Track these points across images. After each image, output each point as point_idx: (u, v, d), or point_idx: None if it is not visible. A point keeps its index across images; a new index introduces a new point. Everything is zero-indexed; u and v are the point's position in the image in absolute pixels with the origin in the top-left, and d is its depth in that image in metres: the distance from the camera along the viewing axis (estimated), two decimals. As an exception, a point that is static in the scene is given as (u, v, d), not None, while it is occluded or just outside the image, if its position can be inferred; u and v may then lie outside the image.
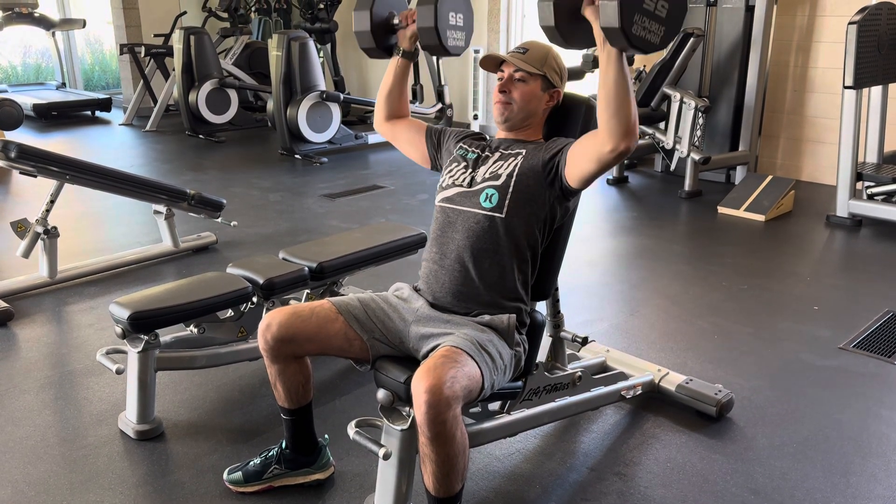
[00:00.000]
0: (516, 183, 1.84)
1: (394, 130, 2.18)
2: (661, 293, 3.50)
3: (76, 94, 9.02)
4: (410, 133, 2.15)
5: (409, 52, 2.10)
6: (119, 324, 2.22)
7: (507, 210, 1.83)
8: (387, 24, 2.08)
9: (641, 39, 1.55)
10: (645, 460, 2.19)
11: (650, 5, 1.54)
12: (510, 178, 1.85)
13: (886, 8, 4.32)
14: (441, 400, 1.53)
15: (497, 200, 1.84)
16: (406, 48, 2.09)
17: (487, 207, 1.85)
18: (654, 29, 1.56)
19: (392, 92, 2.15)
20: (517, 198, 1.84)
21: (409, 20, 2.06)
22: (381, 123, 2.21)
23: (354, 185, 5.43)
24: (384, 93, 2.16)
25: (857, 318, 3.17)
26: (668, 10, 1.56)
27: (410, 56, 2.11)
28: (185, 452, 2.22)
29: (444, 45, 2.01)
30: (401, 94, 2.16)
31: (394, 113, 2.17)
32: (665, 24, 1.57)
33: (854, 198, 4.45)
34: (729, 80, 5.41)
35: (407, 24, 2.07)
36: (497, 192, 1.84)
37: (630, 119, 1.63)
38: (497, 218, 1.84)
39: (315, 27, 7.58)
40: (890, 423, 2.38)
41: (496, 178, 1.86)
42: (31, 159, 3.27)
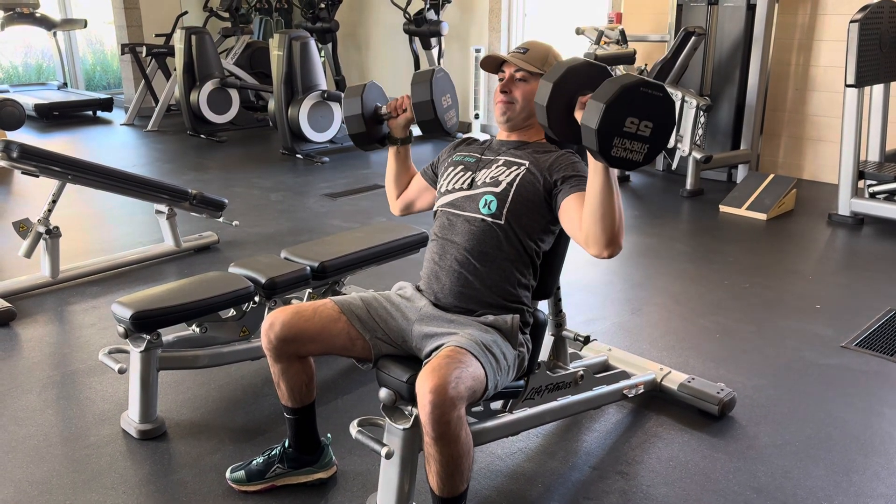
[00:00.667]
0: (515, 193, 1.84)
1: (406, 201, 2.22)
2: (663, 292, 3.50)
3: (77, 94, 9.03)
4: (416, 189, 2.18)
5: (405, 139, 2.13)
6: (121, 323, 2.22)
7: (506, 218, 1.84)
8: (375, 117, 2.10)
9: (622, 160, 1.53)
10: (647, 459, 2.19)
11: (631, 128, 1.51)
12: (510, 188, 1.85)
13: (888, 6, 4.31)
14: (446, 400, 1.53)
15: (496, 208, 1.84)
16: (401, 136, 2.12)
17: (486, 213, 1.85)
18: (636, 149, 1.53)
19: (398, 177, 2.19)
20: (515, 207, 1.84)
21: (398, 110, 2.07)
22: (394, 205, 2.25)
23: (356, 184, 5.43)
24: (392, 180, 2.21)
25: (859, 316, 3.16)
26: (652, 129, 1.53)
27: (407, 142, 2.15)
28: (188, 452, 2.22)
29: (445, 130, 2.05)
30: (407, 172, 2.20)
31: (403, 189, 2.21)
32: (649, 142, 1.53)
33: (856, 196, 4.44)
34: (730, 79, 5.41)
35: (398, 113, 2.07)
36: (496, 200, 1.85)
37: (612, 229, 1.62)
38: (496, 224, 1.84)
39: (316, 27, 7.58)
40: (892, 422, 2.38)
41: (496, 185, 1.86)
42: (34, 159, 3.27)
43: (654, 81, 1.53)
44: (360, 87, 2.09)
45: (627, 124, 1.50)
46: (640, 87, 1.50)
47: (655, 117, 1.52)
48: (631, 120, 1.50)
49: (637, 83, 1.51)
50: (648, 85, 1.51)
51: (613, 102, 1.49)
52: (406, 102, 2.05)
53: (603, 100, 1.49)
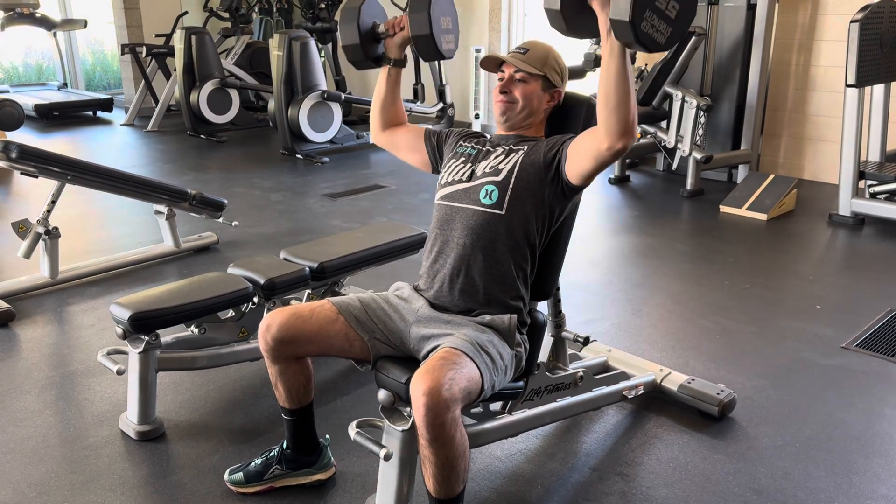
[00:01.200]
0: (517, 179, 1.83)
1: (393, 139, 2.16)
2: (663, 292, 3.50)
3: (77, 94, 9.03)
4: (410, 139, 2.13)
5: (399, 61, 2.09)
6: (120, 324, 2.22)
7: (507, 207, 1.83)
8: (372, 35, 2.07)
9: (648, 37, 1.53)
10: (647, 460, 2.18)
11: (662, 4, 1.52)
12: (510, 175, 1.84)
13: (889, 6, 4.31)
14: (440, 402, 1.53)
15: (497, 197, 1.83)
16: (396, 57, 2.08)
17: (487, 204, 1.84)
18: (661, 28, 1.54)
19: (385, 101, 2.13)
20: (517, 194, 1.83)
21: (395, 28, 2.04)
22: (378, 134, 2.19)
23: (356, 184, 5.42)
24: (378, 104, 2.15)
25: (859, 317, 3.16)
26: (677, 12, 1.55)
27: (401, 64, 2.10)
28: (187, 453, 2.22)
29: (440, 50, 2.01)
30: (395, 103, 2.14)
31: (390, 122, 2.16)
32: (673, 25, 1.55)
33: (856, 196, 4.43)
34: (731, 79, 5.40)
35: (394, 32, 2.04)
36: (497, 189, 1.84)
37: (629, 117, 1.62)
38: (497, 215, 1.83)
39: (316, 27, 7.57)
40: (893, 422, 2.37)
41: (496, 174, 1.86)
42: (33, 160, 3.27)
43: None
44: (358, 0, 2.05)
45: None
46: None
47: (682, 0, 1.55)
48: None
49: None
50: None
51: None
52: (405, 20, 2.02)
53: None
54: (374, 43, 2.08)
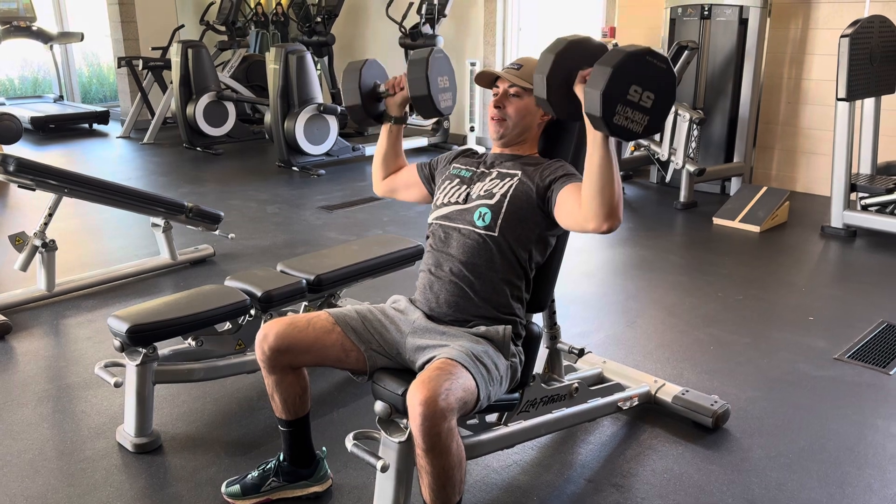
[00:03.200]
0: (509, 204, 1.86)
1: (392, 185, 2.23)
2: (657, 304, 3.52)
3: (74, 107, 9.04)
4: (406, 178, 2.19)
5: (400, 118, 2.15)
6: (117, 337, 2.23)
7: (500, 229, 1.85)
8: (373, 94, 2.12)
9: (623, 128, 1.55)
10: (642, 471, 2.20)
11: (634, 96, 1.53)
12: (503, 199, 1.87)
13: (878, 21, 4.36)
14: (436, 412, 1.54)
15: (490, 219, 1.86)
16: (396, 115, 2.14)
17: (480, 226, 1.87)
18: (637, 119, 1.55)
19: (388, 156, 2.20)
20: (510, 218, 1.86)
21: (396, 88, 2.10)
22: (378, 185, 2.26)
23: (352, 196, 5.44)
24: (380, 159, 2.21)
25: (852, 328, 3.18)
26: (653, 101, 1.55)
27: (402, 121, 2.16)
28: (183, 465, 2.22)
29: (439, 109, 2.07)
30: (396, 158, 2.21)
31: (390, 172, 2.22)
32: (649, 113, 1.55)
33: (848, 209, 4.47)
34: (723, 92, 5.45)
35: (395, 92, 2.10)
36: (490, 212, 1.86)
37: (612, 201, 1.63)
38: (490, 236, 1.86)
39: (312, 40, 7.62)
40: (886, 434, 2.39)
41: (490, 197, 1.88)
42: (30, 173, 3.28)
43: (660, 52, 1.56)
44: (360, 62, 2.11)
45: (631, 92, 1.52)
46: (645, 56, 1.53)
47: (658, 89, 1.55)
48: (635, 88, 1.53)
49: (644, 51, 1.53)
50: (654, 55, 1.54)
51: (620, 67, 1.51)
52: (404, 80, 2.08)
53: (610, 64, 1.51)
54: (376, 101, 2.14)
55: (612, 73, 1.50)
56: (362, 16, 8.24)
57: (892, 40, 4.43)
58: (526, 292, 1.93)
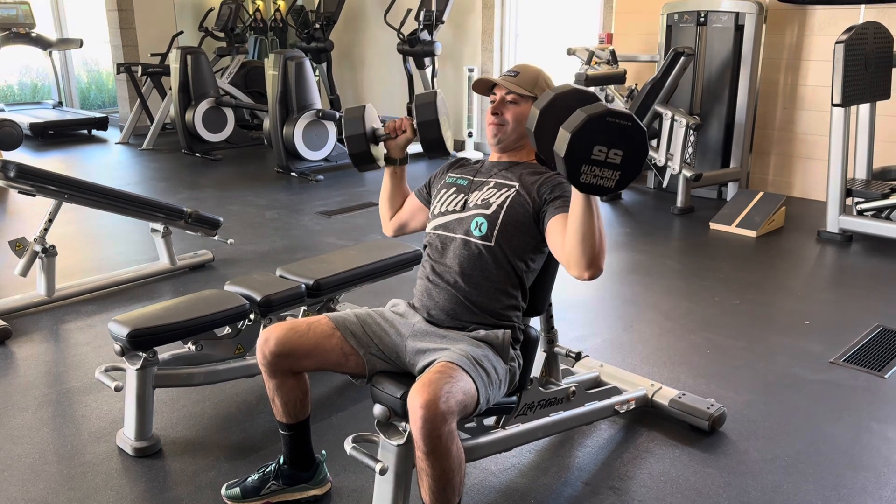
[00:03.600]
0: (505, 215, 1.88)
1: (399, 222, 2.23)
2: (654, 308, 3.54)
3: (73, 112, 9.06)
4: (410, 208, 2.20)
5: (403, 160, 2.17)
6: (118, 341, 2.24)
7: (496, 240, 1.88)
8: (373, 138, 2.13)
9: (593, 186, 1.55)
10: (639, 474, 2.21)
11: (600, 156, 1.52)
12: (500, 210, 1.89)
13: (872, 27, 4.40)
14: (437, 415, 1.56)
15: (486, 230, 1.88)
16: (399, 157, 2.15)
17: (477, 236, 1.89)
18: (607, 175, 1.54)
19: (393, 197, 2.22)
20: (505, 229, 1.88)
21: (398, 131, 2.10)
22: (387, 225, 2.27)
23: (350, 202, 5.47)
24: (387, 201, 2.23)
25: (847, 332, 3.20)
26: (622, 157, 1.54)
27: (405, 162, 2.18)
28: (183, 469, 2.24)
29: (446, 148, 2.10)
30: (403, 197, 2.22)
31: (396, 210, 2.23)
32: (620, 168, 1.54)
33: (844, 213, 4.50)
34: (720, 98, 5.49)
35: (396, 134, 2.11)
36: (486, 222, 1.88)
37: (592, 252, 1.64)
38: (486, 246, 1.88)
39: (311, 46, 7.66)
40: (881, 437, 2.41)
41: (487, 207, 1.90)
42: (30, 179, 3.30)
43: (624, 111, 1.55)
44: (360, 108, 2.12)
45: (595, 152, 1.52)
46: (605, 117, 1.52)
47: (625, 146, 1.53)
48: (599, 148, 1.52)
49: (603, 113, 1.52)
50: (615, 115, 1.53)
51: (578, 132, 1.51)
52: (405, 124, 2.09)
53: (569, 129, 1.52)
54: (374, 145, 2.15)
55: (571, 138, 1.51)
56: (361, 22, 8.28)
57: (886, 46, 4.47)
58: (522, 301, 1.95)
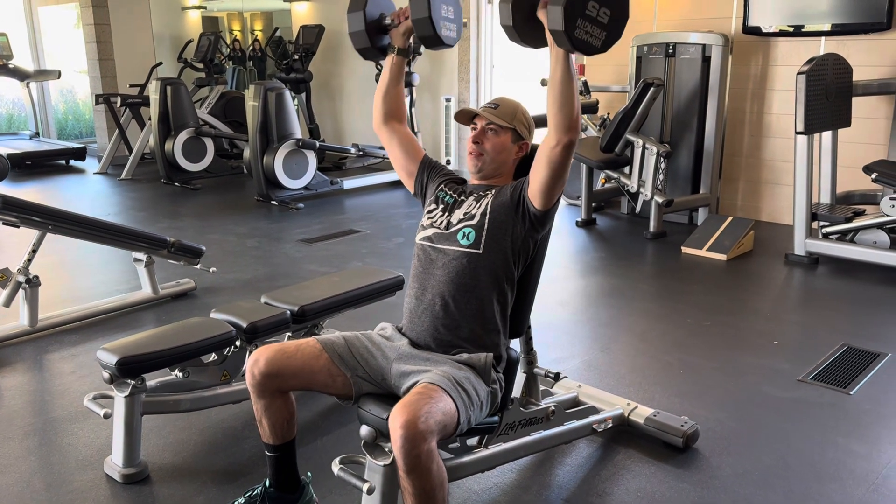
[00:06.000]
0: (490, 220, 1.98)
1: (392, 134, 2.23)
2: (628, 330, 3.64)
3: (50, 143, 9.07)
4: (407, 145, 2.23)
5: (403, 50, 2.19)
6: (107, 369, 2.28)
7: (484, 245, 1.96)
8: (379, 25, 2.17)
9: (583, 42, 1.74)
10: (616, 490, 2.29)
11: (592, 11, 1.72)
12: (484, 216, 1.98)
13: (832, 59, 4.60)
14: (416, 434, 1.62)
15: (474, 238, 1.97)
16: (400, 45, 2.18)
17: (465, 245, 1.98)
18: (595, 33, 1.74)
19: (389, 91, 2.22)
20: (492, 233, 1.97)
21: (401, 18, 2.15)
22: (379, 124, 2.26)
23: (331, 229, 5.53)
24: (381, 92, 2.23)
25: (814, 351, 3.32)
26: (609, 17, 1.74)
27: (405, 53, 2.19)
28: (172, 494, 2.27)
29: (439, 35, 2.08)
30: (398, 94, 2.23)
31: (391, 112, 2.23)
32: (607, 29, 1.75)
33: (810, 237, 4.65)
34: (689, 127, 5.66)
35: (399, 21, 2.15)
36: (473, 230, 1.98)
37: (573, 113, 1.82)
38: (474, 254, 1.96)
39: (290, 77, 7.77)
40: (846, 451, 2.51)
41: (471, 219, 2.00)
42: (14, 210, 3.34)
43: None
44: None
45: (589, 7, 1.71)
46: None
47: (613, 5, 1.73)
48: (592, 4, 1.71)
49: None
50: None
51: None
52: (408, 11, 2.13)
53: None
54: (381, 34, 2.18)
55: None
56: (339, 53, 8.41)
57: (845, 77, 4.67)
58: (509, 307, 2.03)
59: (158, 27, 9.09)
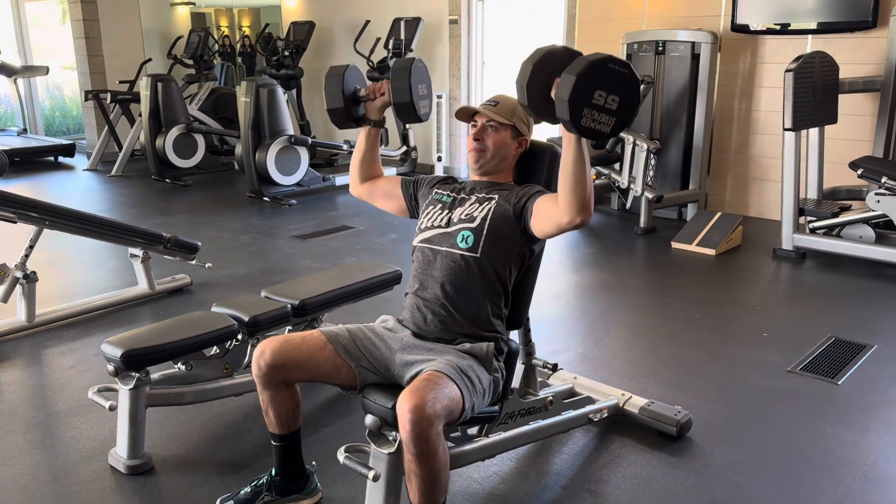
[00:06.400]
0: (490, 226, 2.02)
1: (370, 189, 2.34)
2: (621, 324, 3.70)
3: (38, 140, 9.02)
4: (386, 187, 2.32)
5: (378, 122, 2.29)
6: (111, 362, 2.31)
7: (482, 250, 2.01)
8: (354, 98, 2.26)
9: (591, 130, 1.69)
10: (613, 477, 2.35)
11: (599, 100, 1.67)
12: (484, 222, 2.03)
13: (819, 56, 4.68)
14: (424, 418, 1.67)
15: (472, 242, 2.02)
16: (376, 118, 2.28)
17: (463, 248, 2.02)
18: (604, 120, 1.69)
19: (365, 159, 2.32)
20: (490, 240, 2.01)
21: (376, 93, 2.23)
22: (356, 187, 2.37)
23: (324, 225, 5.56)
24: (358, 160, 2.33)
25: (803, 343, 3.39)
26: (619, 104, 1.69)
27: (380, 125, 2.31)
28: (177, 485, 2.30)
29: (419, 115, 2.22)
30: (374, 160, 2.34)
31: (368, 176, 2.34)
32: (616, 115, 1.69)
33: (798, 232, 4.73)
34: (678, 124, 5.73)
35: (375, 96, 2.24)
36: (472, 234, 2.02)
37: (585, 195, 1.80)
38: (472, 258, 2.01)
39: (281, 73, 7.77)
40: (834, 438, 2.58)
41: (471, 221, 2.04)
42: (11, 206, 3.35)
43: (621, 59, 1.70)
44: (342, 67, 2.24)
45: (596, 97, 1.67)
46: (607, 63, 1.67)
47: (622, 92, 1.68)
48: (599, 93, 1.67)
49: (605, 59, 1.67)
50: (615, 61, 1.68)
51: (583, 75, 1.65)
52: (385, 87, 2.22)
53: (574, 72, 1.66)
54: (355, 105, 2.27)
55: (576, 81, 1.65)
56: (330, 49, 8.43)
57: (832, 74, 4.75)
58: (505, 308, 2.08)
59: (147, 23, 9.06)
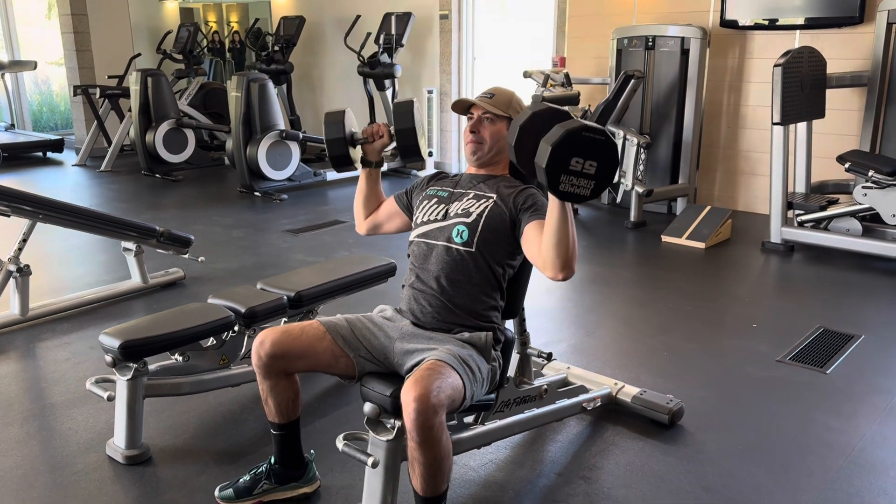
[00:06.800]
0: (484, 224, 2.04)
1: (374, 221, 2.37)
2: (613, 315, 3.74)
3: (26, 135, 8.97)
4: (388, 211, 2.34)
5: (379, 163, 2.33)
6: (109, 353, 2.32)
7: (477, 245, 2.03)
8: (352, 142, 2.28)
9: (570, 194, 1.72)
10: (607, 464, 2.38)
11: (577, 167, 1.69)
12: (479, 219, 2.05)
13: (807, 51, 4.73)
14: (428, 407, 1.70)
15: (467, 237, 2.04)
16: (376, 160, 2.31)
17: (458, 242, 2.05)
18: (582, 185, 1.71)
19: (369, 198, 2.35)
20: (485, 236, 2.04)
21: (375, 136, 2.26)
22: (361, 225, 2.39)
23: (316, 220, 5.57)
24: (361, 202, 2.36)
25: (791, 333, 3.44)
26: (597, 168, 1.71)
27: (380, 165, 2.34)
28: (175, 475, 2.32)
29: (423, 156, 2.27)
30: (377, 198, 2.37)
31: (371, 212, 2.37)
32: (595, 178, 1.71)
33: (786, 225, 4.79)
34: (668, 118, 5.78)
35: (374, 139, 2.26)
36: (467, 230, 2.04)
37: (566, 255, 1.80)
38: (467, 252, 2.04)
39: (271, 68, 7.76)
40: (823, 426, 2.63)
41: (467, 216, 2.06)
42: (5, 199, 3.35)
43: (597, 126, 1.72)
44: (340, 112, 2.27)
45: (573, 164, 1.69)
46: (582, 132, 1.70)
47: (599, 158, 1.71)
48: (576, 160, 1.69)
49: (580, 128, 1.70)
50: (591, 129, 1.71)
51: (559, 144, 1.68)
52: (382, 129, 2.25)
53: (550, 142, 1.69)
54: (352, 147, 2.30)
55: (552, 150, 1.68)
56: (320, 45, 8.43)
57: (820, 69, 4.81)
58: (501, 300, 2.11)
59: (136, 18, 9.01)
